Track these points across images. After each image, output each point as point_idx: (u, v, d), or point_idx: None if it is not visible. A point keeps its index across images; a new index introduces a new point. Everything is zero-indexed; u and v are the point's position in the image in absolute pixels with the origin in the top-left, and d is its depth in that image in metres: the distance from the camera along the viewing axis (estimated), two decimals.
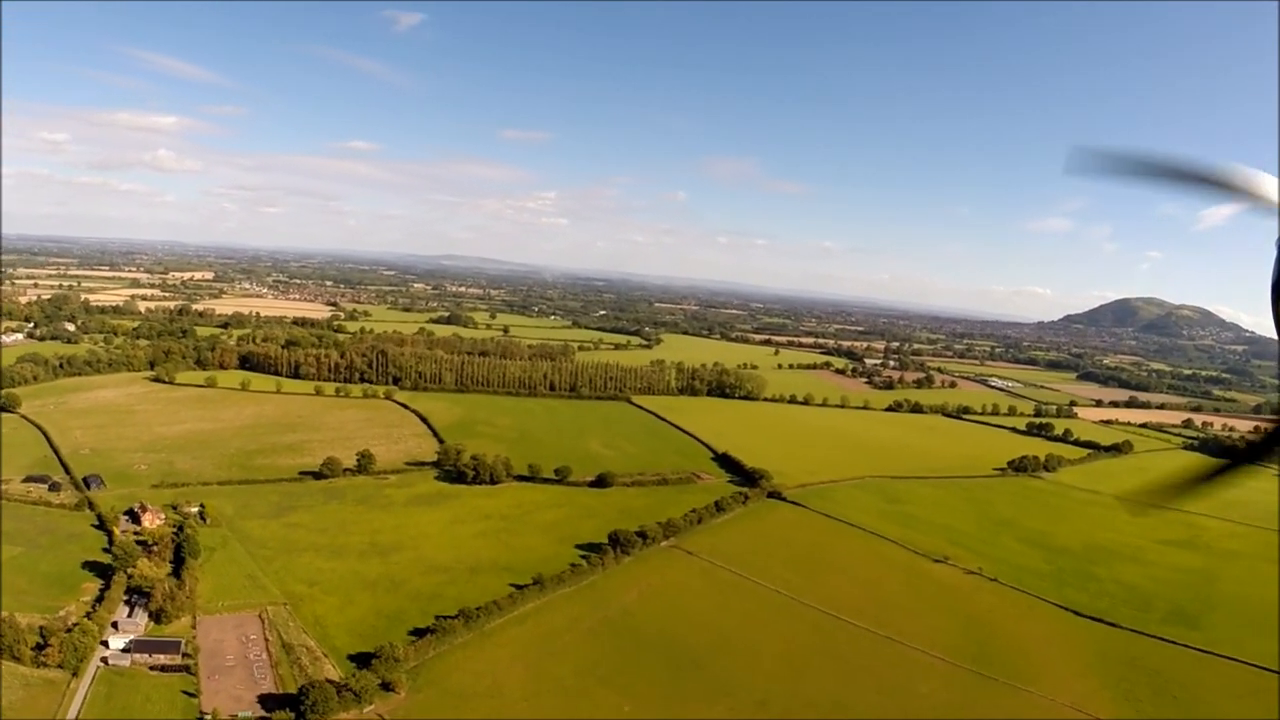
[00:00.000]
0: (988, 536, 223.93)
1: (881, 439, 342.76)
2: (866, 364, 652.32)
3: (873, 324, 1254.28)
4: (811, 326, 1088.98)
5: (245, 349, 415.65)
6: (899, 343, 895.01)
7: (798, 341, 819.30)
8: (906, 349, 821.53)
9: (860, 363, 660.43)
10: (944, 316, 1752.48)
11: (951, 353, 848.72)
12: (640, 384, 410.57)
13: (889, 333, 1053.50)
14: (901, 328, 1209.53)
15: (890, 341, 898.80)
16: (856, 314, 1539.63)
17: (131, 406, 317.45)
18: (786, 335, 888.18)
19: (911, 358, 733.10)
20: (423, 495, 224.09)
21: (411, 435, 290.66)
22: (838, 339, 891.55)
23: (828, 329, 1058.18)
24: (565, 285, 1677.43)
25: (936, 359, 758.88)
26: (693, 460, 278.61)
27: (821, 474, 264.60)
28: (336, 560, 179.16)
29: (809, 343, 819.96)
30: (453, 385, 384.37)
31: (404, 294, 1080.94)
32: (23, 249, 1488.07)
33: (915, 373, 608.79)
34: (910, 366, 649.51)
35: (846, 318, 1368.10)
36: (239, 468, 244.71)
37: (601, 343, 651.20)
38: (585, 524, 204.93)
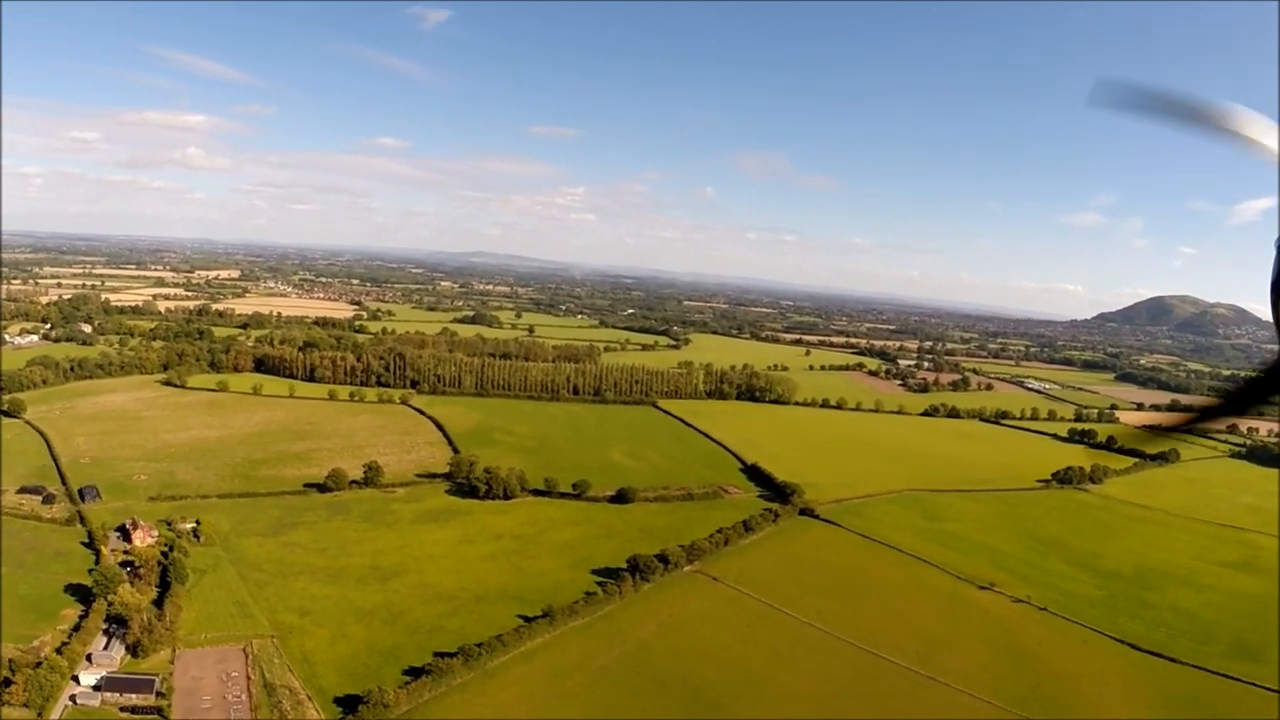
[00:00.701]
0: (1034, 558, 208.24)
1: (918, 447, 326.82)
2: (900, 365, 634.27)
3: (904, 322, 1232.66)
4: (843, 325, 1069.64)
5: (261, 351, 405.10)
6: (932, 342, 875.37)
7: (829, 341, 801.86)
8: (940, 349, 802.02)
9: (893, 363, 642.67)
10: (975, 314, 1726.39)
11: (985, 353, 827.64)
12: (667, 387, 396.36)
13: (921, 332, 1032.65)
14: (934, 326, 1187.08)
15: (923, 341, 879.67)
16: (888, 312, 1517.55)
17: (139, 412, 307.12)
18: (817, 334, 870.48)
19: (945, 358, 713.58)
20: (431, 511, 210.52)
21: (425, 443, 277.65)
22: (870, 338, 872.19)
23: (859, 328, 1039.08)
24: (594, 283, 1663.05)
25: (971, 359, 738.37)
26: (720, 472, 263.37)
27: (857, 487, 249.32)
28: (333, 586, 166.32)
29: (840, 342, 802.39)
30: (472, 389, 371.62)
31: (430, 292, 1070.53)
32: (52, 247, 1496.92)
33: (950, 374, 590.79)
34: (944, 368, 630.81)
35: (878, 316, 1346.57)
36: (242, 479, 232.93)
37: (628, 343, 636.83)
38: (603, 545, 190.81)
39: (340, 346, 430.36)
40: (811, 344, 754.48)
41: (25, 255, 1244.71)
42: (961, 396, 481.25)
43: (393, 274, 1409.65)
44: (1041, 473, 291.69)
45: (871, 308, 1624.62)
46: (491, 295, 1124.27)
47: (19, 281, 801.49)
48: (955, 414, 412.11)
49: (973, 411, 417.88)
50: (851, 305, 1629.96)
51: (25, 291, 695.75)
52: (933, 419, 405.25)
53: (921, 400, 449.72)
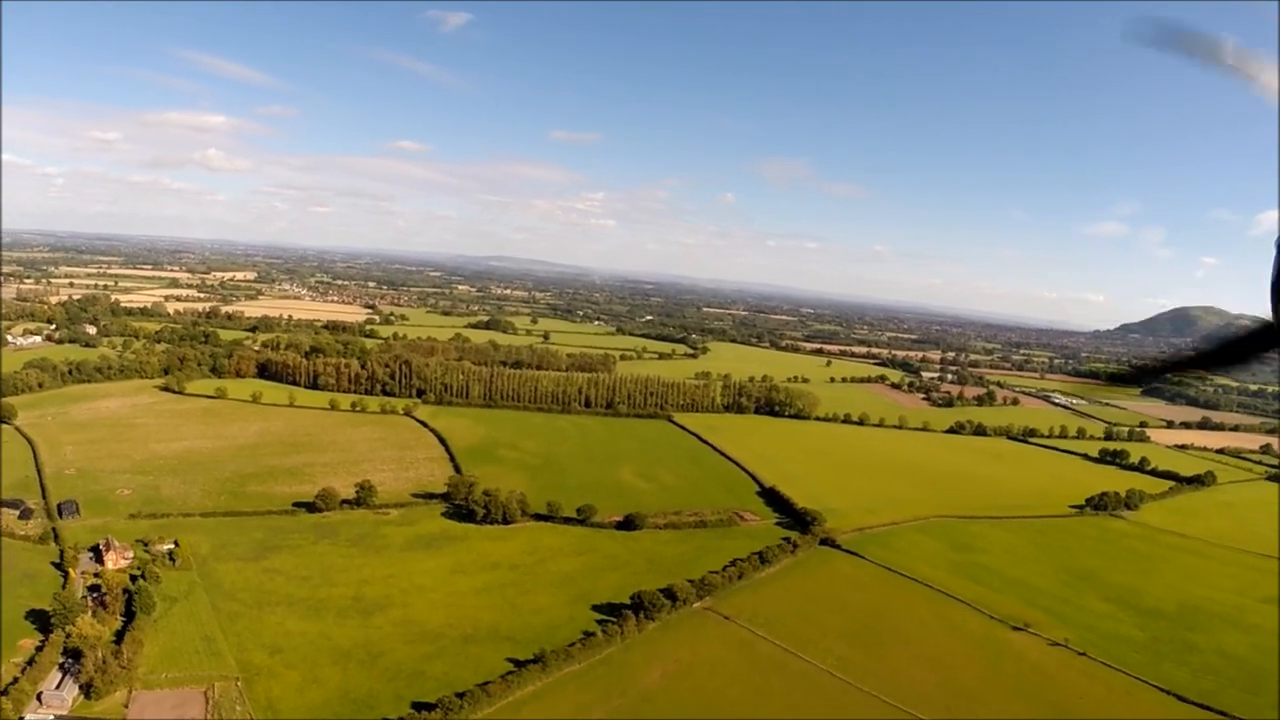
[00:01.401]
0: (1070, 595, 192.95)
1: (945, 468, 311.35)
2: (923, 377, 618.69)
3: (926, 331, 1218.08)
4: (864, 334, 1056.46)
5: (264, 357, 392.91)
6: (955, 352, 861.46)
7: (850, 351, 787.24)
8: (963, 360, 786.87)
9: (916, 376, 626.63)
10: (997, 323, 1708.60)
11: (1009, 364, 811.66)
12: (683, 400, 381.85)
13: (944, 342, 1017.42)
14: (956, 336, 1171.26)
15: (945, 352, 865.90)
16: (909, 321, 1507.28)
17: (133, 419, 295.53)
18: (838, 344, 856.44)
19: (969, 369, 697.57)
20: (424, 536, 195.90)
21: (425, 459, 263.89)
22: (891, 349, 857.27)
23: (880, 337, 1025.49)
24: (613, 288, 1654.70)
25: (995, 371, 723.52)
26: (736, 495, 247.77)
27: (881, 513, 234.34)
28: (311, 620, 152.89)
29: (862, 352, 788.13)
30: (479, 399, 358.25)
31: (447, 296, 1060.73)
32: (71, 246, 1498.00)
33: (975, 388, 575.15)
34: (969, 381, 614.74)
35: (899, 325, 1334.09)
36: (229, 495, 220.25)
37: (645, 351, 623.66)
38: (606, 578, 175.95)
39: (347, 352, 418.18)
40: (832, 354, 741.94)
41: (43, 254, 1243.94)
42: (987, 412, 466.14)
43: (410, 277, 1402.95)
44: (1074, 497, 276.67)
45: (893, 316, 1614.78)
46: (509, 300, 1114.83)
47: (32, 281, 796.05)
48: (982, 431, 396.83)
49: (1000, 429, 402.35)
50: (872, 313, 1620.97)
51: (36, 291, 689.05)
52: (959, 436, 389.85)
53: (946, 416, 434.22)
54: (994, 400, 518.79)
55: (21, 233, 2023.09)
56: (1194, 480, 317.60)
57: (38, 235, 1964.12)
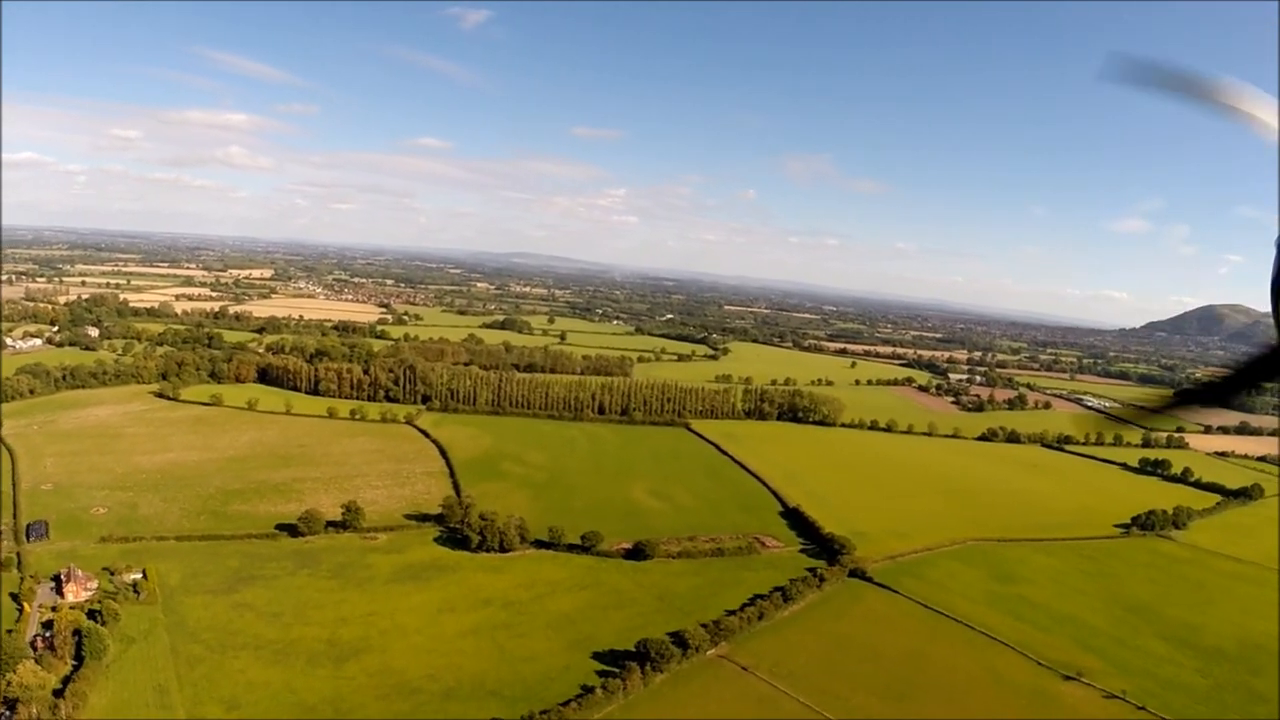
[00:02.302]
0: (1124, 634, 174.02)
1: (979, 480, 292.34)
2: (951, 379, 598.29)
3: (950, 330, 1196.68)
4: (887, 333, 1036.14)
5: (265, 361, 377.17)
6: (981, 352, 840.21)
7: (874, 351, 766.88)
8: (990, 360, 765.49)
9: (944, 378, 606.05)
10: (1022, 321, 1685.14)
11: (1037, 364, 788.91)
12: (702, 405, 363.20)
13: (969, 341, 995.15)
14: (980, 335, 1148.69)
15: (972, 351, 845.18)
16: (933, 319, 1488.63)
17: (121, 429, 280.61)
18: (862, 344, 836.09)
19: (997, 370, 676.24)
20: (412, 566, 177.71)
21: (423, 474, 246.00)
22: (916, 348, 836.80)
23: (904, 336, 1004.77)
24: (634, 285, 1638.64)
25: (1023, 372, 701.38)
26: (756, 516, 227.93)
27: (914, 536, 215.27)
28: (278, 667, 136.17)
29: (887, 353, 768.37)
30: (487, 406, 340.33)
31: (464, 294, 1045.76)
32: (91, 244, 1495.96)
33: (1004, 390, 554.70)
34: (998, 383, 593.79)
35: (923, 323, 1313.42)
36: (209, 515, 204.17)
37: (664, 353, 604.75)
38: (610, 618, 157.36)
39: (353, 356, 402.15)
40: (857, 354, 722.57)
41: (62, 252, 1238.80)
42: (1020, 417, 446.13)
43: (430, 275, 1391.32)
44: (1119, 514, 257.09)
45: (916, 314, 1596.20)
46: (528, 298, 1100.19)
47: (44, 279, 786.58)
48: (1015, 438, 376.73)
49: (1034, 436, 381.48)
50: (895, 311, 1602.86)
51: (45, 290, 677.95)
52: (991, 444, 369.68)
53: (977, 421, 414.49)
54: (1025, 404, 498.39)
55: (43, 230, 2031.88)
56: (1240, 494, 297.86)
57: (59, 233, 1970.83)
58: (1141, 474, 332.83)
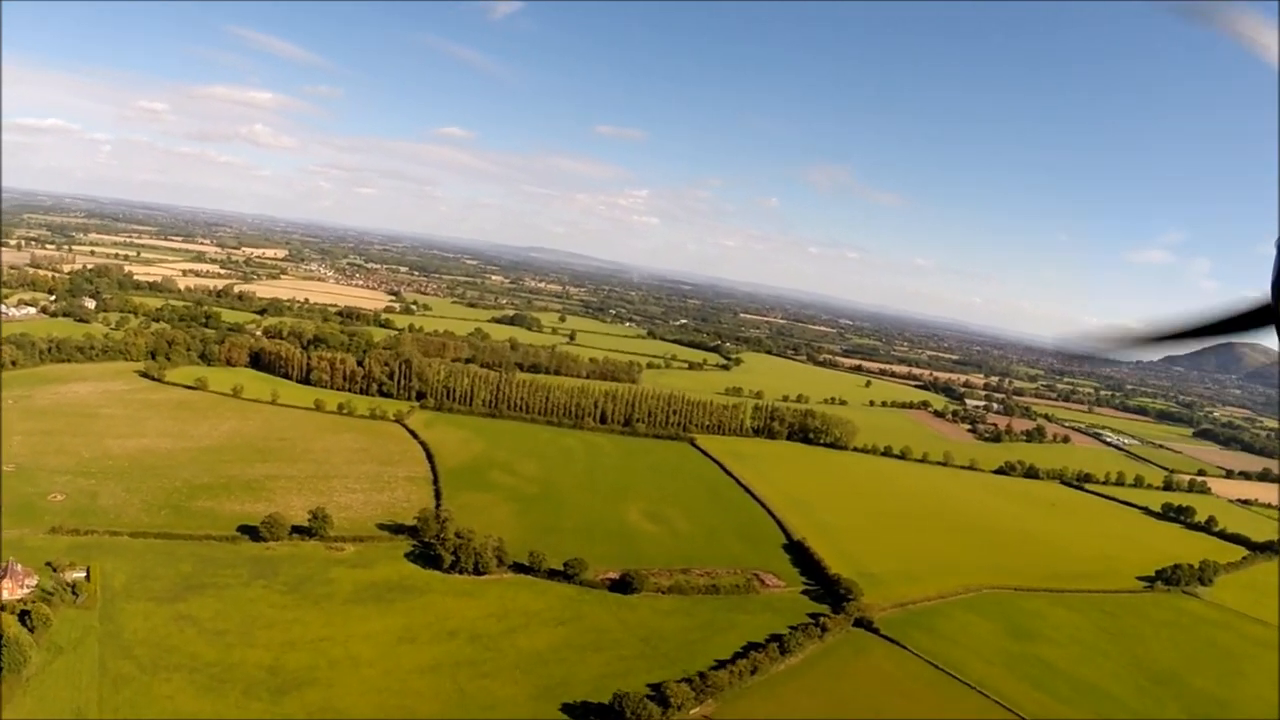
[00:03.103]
0: (1150, 706, 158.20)
1: (996, 519, 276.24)
2: (967, 405, 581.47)
3: (967, 352, 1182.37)
4: (904, 352, 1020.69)
5: (258, 345, 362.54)
6: (998, 377, 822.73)
7: (890, 371, 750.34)
8: (1007, 386, 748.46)
9: (960, 403, 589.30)
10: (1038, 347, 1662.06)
11: (1054, 394, 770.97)
12: (709, 420, 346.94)
13: (986, 364, 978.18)
14: (997, 358, 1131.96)
15: (988, 376, 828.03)
16: (949, 338, 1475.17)
17: (98, 409, 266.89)
18: (878, 361, 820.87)
19: (1014, 398, 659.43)
20: (377, 585, 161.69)
21: (405, 478, 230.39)
22: (932, 369, 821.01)
23: (921, 355, 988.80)
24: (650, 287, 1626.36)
25: (1040, 402, 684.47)
26: (757, 548, 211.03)
27: (926, 581, 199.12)
28: (210, 696, 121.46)
29: (903, 372, 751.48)
30: (483, 408, 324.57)
31: (477, 287, 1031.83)
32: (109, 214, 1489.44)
33: (1022, 420, 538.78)
34: (1015, 411, 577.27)
35: (939, 343, 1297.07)
36: (170, 510, 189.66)
37: (674, 359, 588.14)
38: (588, 661, 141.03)
39: (352, 345, 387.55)
40: (872, 372, 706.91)
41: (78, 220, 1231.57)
42: (1038, 450, 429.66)
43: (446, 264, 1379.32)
44: (1142, 565, 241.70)
45: (932, 333, 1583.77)
46: (541, 294, 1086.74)
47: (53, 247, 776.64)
48: (1034, 474, 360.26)
49: (1053, 472, 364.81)
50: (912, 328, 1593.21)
51: (51, 257, 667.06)
52: (1009, 478, 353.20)
53: (994, 453, 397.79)
54: (1043, 436, 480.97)
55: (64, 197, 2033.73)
56: (1266, 547, 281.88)
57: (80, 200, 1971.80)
58: (1163, 520, 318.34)
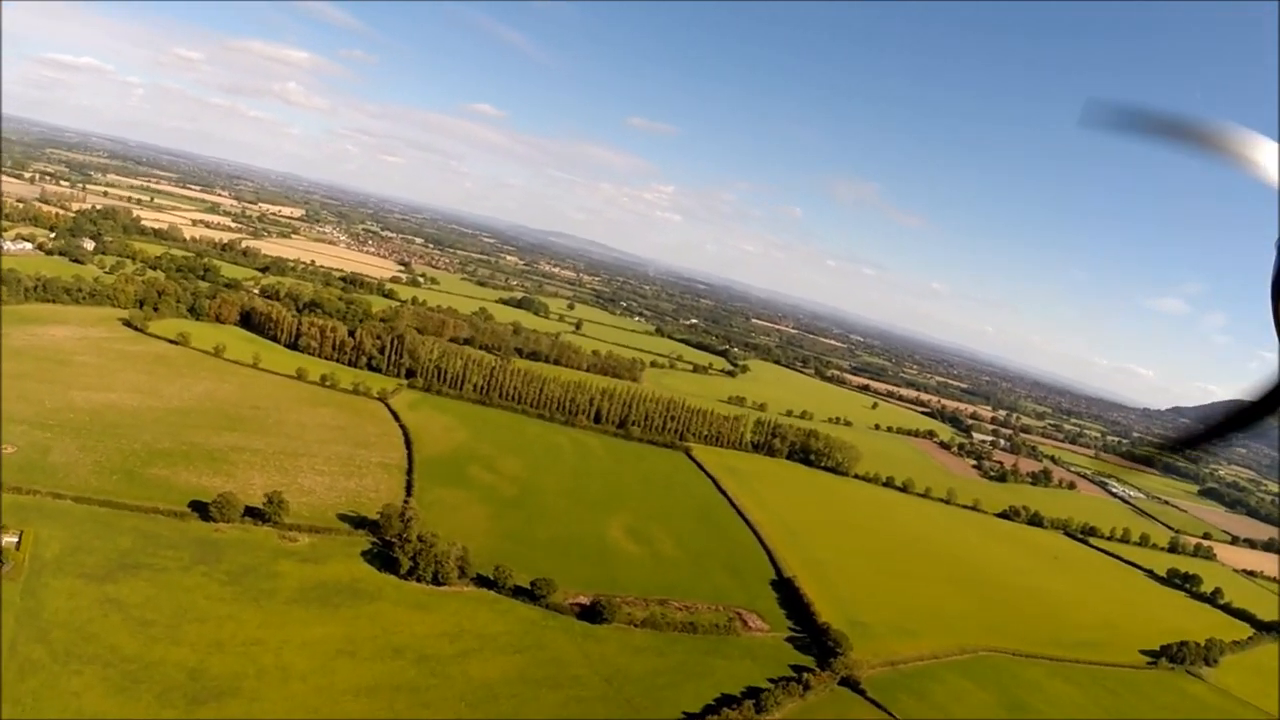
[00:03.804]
0: None
1: (997, 570, 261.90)
2: (974, 438, 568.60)
3: (976, 381, 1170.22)
4: (912, 374, 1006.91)
5: (250, 304, 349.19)
6: (1006, 411, 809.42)
7: (897, 393, 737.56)
8: (1015, 422, 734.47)
9: (967, 436, 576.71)
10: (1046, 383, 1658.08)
11: (1061, 434, 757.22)
12: (707, 430, 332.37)
13: (994, 397, 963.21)
14: (1005, 391, 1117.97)
15: (996, 409, 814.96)
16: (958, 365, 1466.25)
17: (71, 355, 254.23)
18: (886, 382, 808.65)
19: (1021, 435, 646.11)
20: (325, 585, 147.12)
21: (379, 464, 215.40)
22: (940, 396, 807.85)
23: (929, 380, 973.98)
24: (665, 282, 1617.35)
25: (1047, 442, 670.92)
26: (744, 582, 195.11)
27: (920, 635, 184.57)
28: (121, 696, 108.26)
29: (910, 396, 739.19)
30: (474, 393, 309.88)
31: (490, 265, 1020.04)
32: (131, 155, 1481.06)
33: (1029, 460, 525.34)
34: (1022, 450, 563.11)
35: (948, 369, 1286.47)
36: (123, 476, 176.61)
37: (680, 360, 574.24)
38: (542, 699, 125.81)
39: (348, 313, 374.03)
40: (880, 393, 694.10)
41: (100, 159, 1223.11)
42: (1043, 495, 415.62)
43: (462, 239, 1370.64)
44: (1146, 637, 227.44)
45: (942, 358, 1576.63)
46: (554, 279, 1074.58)
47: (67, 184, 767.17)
48: (1038, 521, 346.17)
49: (1058, 522, 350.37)
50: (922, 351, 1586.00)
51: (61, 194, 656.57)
52: (1012, 524, 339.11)
53: (999, 494, 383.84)
54: (1049, 480, 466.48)
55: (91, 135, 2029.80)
56: (1271, 627, 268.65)
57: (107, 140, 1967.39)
58: (1168, 585, 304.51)
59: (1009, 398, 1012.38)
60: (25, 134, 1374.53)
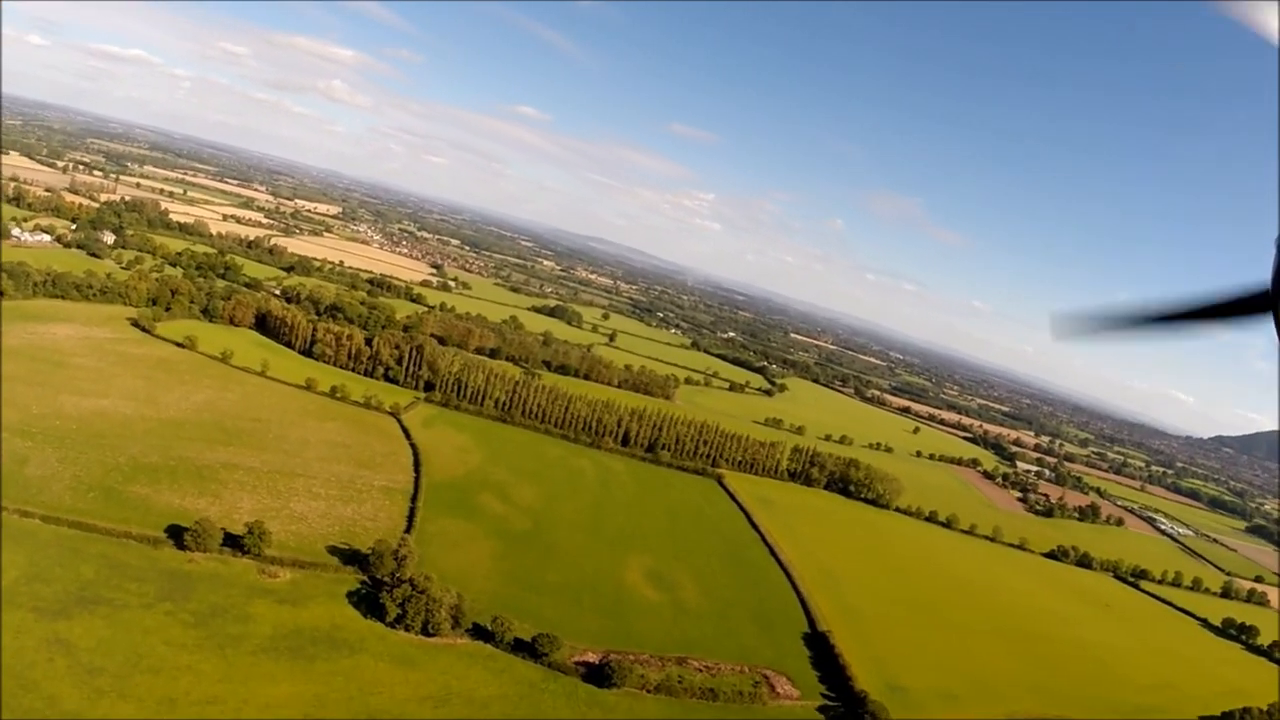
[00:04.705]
0: None
1: (1046, 621, 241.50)
2: (1018, 467, 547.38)
3: (1017, 404, 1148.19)
4: (953, 396, 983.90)
5: (265, 306, 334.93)
6: (1048, 437, 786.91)
7: (938, 416, 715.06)
8: (1059, 450, 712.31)
9: (1011, 465, 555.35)
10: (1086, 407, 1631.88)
11: (1106, 464, 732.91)
12: (742, 456, 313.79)
13: (1036, 421, 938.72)
14: (1047, 415, 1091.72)
15: (1039, 435, 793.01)
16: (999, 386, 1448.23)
17: (69, 356, 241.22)
18: (927, 404, 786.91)
19: (1065, 464, 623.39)
20: (302, 632, 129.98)
21: (381, 488, 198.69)
22: (982, 420, 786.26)
23: (970, 403, 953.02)
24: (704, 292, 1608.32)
25: (1092, 472, 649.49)
26: (773, 637, 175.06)
27: (965, 701, 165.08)
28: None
29: (951, 420, 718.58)
30: (494, 409, 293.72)
31: (526, 270, 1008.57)
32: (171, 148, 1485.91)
33: (1075, 493, 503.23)
34: (1067, 482, 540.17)
35: (989, 391, 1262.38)
36: (100, 493, 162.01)
37: (716, 377, 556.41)
38: None
39: (370, 319, 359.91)
40: (921, 416, 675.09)
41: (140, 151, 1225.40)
42: (1090, 533, 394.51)
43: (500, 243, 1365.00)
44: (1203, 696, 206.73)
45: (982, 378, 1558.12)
46: (590, 286, 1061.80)
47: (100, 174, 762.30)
48: (1086, 562, 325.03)
49: (1107, 563, 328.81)
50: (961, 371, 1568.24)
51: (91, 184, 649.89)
52: (1060, 565, 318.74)
53: (1046, 531, 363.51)
54: (1097, 515, 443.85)
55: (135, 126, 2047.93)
56: None
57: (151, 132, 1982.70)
58: (1224, 636, 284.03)
59: (1051, 423, 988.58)
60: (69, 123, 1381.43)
